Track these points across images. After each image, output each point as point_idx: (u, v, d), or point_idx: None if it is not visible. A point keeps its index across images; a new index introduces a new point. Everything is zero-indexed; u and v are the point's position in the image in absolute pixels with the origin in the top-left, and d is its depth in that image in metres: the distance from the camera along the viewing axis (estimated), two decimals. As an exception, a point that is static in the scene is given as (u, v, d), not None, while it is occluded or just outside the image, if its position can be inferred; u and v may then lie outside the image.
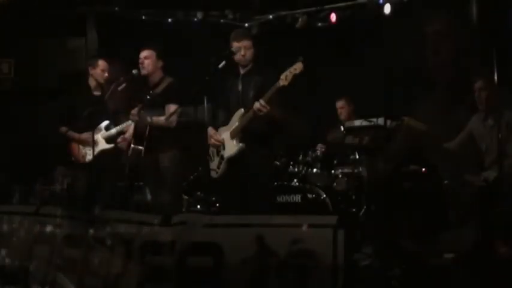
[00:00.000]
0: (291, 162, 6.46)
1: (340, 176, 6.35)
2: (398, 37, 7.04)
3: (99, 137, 5.62)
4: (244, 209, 4.44)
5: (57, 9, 7.33)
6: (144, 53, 5.20)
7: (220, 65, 4.65)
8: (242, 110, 4.59)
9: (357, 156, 5.97)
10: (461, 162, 4.61)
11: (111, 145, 5.62)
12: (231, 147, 4.63)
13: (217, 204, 6.53)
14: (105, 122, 5.70)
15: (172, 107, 4.95)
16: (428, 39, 4.41)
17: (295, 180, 6.30)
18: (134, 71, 5.22)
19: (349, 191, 6.18)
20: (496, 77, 3.76)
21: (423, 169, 4.59)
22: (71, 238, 3.77)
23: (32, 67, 7.50)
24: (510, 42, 5.69)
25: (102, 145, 5.61)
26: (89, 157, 5.65)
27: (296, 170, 6.39)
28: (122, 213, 3.70)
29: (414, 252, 4.39)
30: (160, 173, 5.10)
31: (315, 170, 6.33)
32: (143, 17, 7.57)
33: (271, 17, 7.71)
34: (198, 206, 6.65)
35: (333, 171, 6.36)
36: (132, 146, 5.14)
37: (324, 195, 6.07)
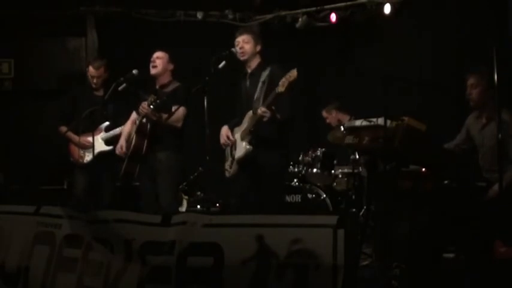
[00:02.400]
0: (291, 162, 6.47)
1: (340, 176, 6.37)
2: (398, 37, 7.06)
3: (98, 138, 5.58)
4: (253, 210, 4.48)
5: (57, 9, 7.34)
6: (157, 54, 5.20)
7: (221, 65, 4.66)
8: (251, 112, 4.65)
9: (357, 156, 5.98)
10: (461, 161, 4.61)
11: (110, 147, 5.61)
12: (240, 148, 4.69)
13: (217, 204, 6.54)
14: (106, 123, 5.69)
15: (180, 109, 4.93)
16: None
17: (295, 180, 6.31)
18: (134, 71, 5.21)
19: (349, 191, 6.19)
20: (496, 77, 3.75)
21: (423, 169, 4.58)
22: (71, 238, 3.77)
23: (32, 67, 7.50)
24: (510, 42, 5.69)
25: (101, 147, 5.59)
26: (87, 158, 5.65)
27: (296, 170, 6.40)
28: (122, 213, 3.69)
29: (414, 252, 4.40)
30: (158, 171, 5.09)
31: (315, 170, 6.34)
32: (143, 17, 7.57)
33: (271, 17, 7.72)
34: (198, 206, 6.66)
35: (333, 171, 6.38)
36: (133, 142, 5.12)
37: (324, 195, 6.08)
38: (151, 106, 4.87)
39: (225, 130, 4.86)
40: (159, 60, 5.18)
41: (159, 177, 5.06)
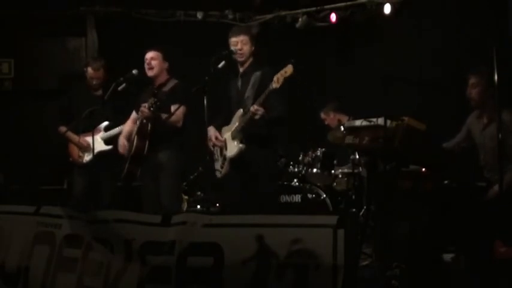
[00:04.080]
0: (291, 162, 6.47)
1: (340, 176, 6.36)
2: (398, 37, 7.06)
3: (98, 138, 5.57)
4: (248, 209, 4.47)
5: (57, 9, 7.34)
6: (150, 54, 5.17)
7: (220, 65, 4.66)
8: (241, 110, 4.64)
9: (357, 156, 5.97)
10: (461, 161, 4.62)
11: (110, 146, 5.60)
12: (232, 147, 4.68)
13: (217, 204, 6.54)
14: (105, 123, 5.68)
15: (180, 108, 4.92)
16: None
17: (295, 180, 6.31)
18: (134, 71, 5.20)
19: (349, 191, 6.19)
20: (496, 77, 3.75)
21: (423, 169, 4.59)
22: (71, 238, 3.77)
23: (32, 67, 7.50)
24: (510, 42, 5.69)
25: (100, 146, 5.58)
26: (86, 158, 5.65)
27: (296, 170, 6.39)
28: (122, 213, 3.69)
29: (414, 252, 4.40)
30: (160, 171, 5.09)
31: (315, 170, 6.33)
32: (143, 17, 7.57)
33: (271, 16, 7.72)
34: (198, 206, 6.66)
35: (333, 171, 6.37)
36: (135, 143, 5.11)
37: (324, 195, 6.08)
38: (152, 109, 4.84)
39: (213, 131, 4.81)
40: (154, 61, 5.16)
41: (161, 176, 5.07)
